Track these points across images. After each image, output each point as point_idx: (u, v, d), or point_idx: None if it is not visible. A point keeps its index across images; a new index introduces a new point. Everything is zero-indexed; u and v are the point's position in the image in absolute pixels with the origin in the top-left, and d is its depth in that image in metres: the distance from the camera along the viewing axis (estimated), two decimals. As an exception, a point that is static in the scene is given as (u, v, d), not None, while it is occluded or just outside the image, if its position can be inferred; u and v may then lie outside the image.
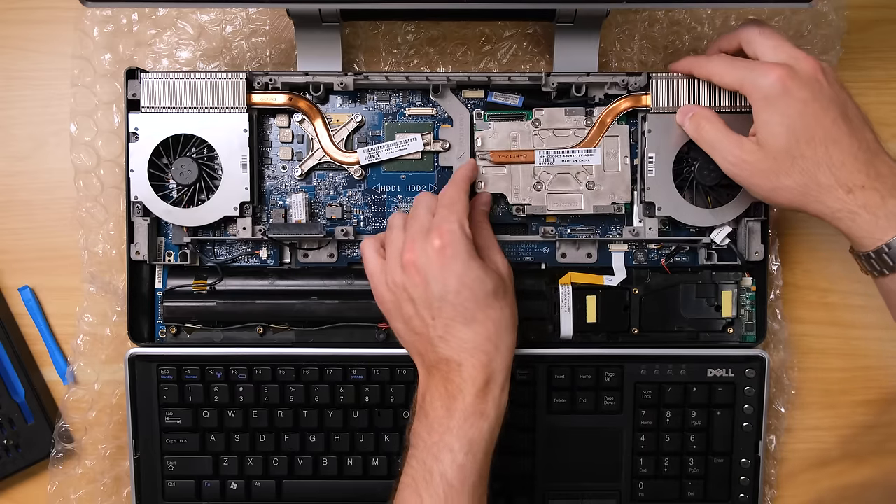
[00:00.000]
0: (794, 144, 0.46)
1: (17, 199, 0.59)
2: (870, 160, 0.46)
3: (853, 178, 0.45)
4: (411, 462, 0.45)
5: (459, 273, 0.45)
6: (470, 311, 0.45)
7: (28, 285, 0.59)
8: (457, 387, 0.45)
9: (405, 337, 0.48)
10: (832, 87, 0.47)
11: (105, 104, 0.58)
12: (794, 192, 0.47)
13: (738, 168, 0.48)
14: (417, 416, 0.47)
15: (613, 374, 0.55)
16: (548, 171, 0.55)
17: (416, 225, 0.48)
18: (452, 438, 0.44)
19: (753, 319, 0.57)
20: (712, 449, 0.56)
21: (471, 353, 0.45)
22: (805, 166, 0.46)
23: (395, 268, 0.47)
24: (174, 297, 0.56)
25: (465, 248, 0.46)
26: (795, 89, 0.46)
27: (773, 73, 0.46)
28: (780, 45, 0.48)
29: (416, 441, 0.46)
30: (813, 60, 0.47)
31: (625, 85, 0.55)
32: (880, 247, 0.45)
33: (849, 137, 0.46)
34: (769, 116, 0.47)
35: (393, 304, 0.48)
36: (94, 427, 0.59)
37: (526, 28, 0.59)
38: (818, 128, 0.46)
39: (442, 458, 0.44)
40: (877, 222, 0.45)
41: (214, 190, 0.54)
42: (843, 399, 0.60)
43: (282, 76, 0.55)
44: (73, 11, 0.58)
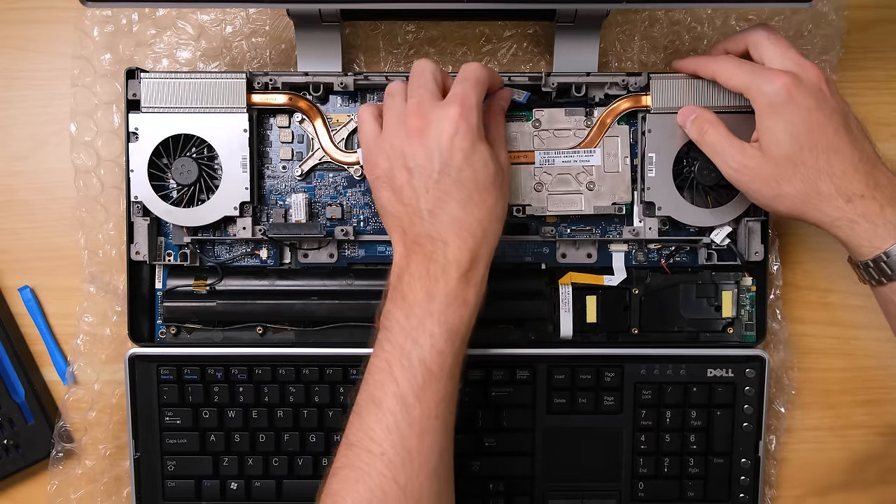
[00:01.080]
0: (797, 152, 0.46)
1: (17, 199, 0.59)
2: (869, 171, 0.46)
3: (853, 187, 0.46)
4: (384, 346, 0.44)
5: (467, 151, 0.44)
6: (467, 191, 0.44)
7: (28, 285, 0.59)
8: (440, 268, 0.44)
9: (389, 208, 0.46)
10: (835, 97, 0.47)
11: (105, 104, 0.58)
12: (795, 200, 0.47)
13: (739, 174, 0.48)
14: (392, 298, 0.45)
15: (613, 374, 0.55)
16: (548, 171, 0.55)
17: (424, 92, 0.46)
18: (433, 323, 0.43)
19: (753, 319, 0.57)
20: (712, 449, 0.56)
21: (458, 234, 0.44)
22: (806, 174, 0.46)
23: (396, 133, 0.46)
24: (174, 297, 0.56)
25: (478, 128, 0.45)
26: (800, 97, 0.46)
27: (779, 80, 0.46)
28: (786, 51, 0.48)
29: (389, 324, 0.44)
30: (818, 70, 0.47)
31: (625, 85, 0.55)
32: (878, 255, 0.45)
33: (850, 147, 0.46)
34: (773, 123, 0.47)
35: (386, 171, 0.46)
36: (94, 427, 0.59)
37: (526, 28, 0.59)
38: (821, 136, 0.46)
39: (421, 342, 0.43)
40: (875, 231, 0.45)
41: (214, 190, 0.54)
42: (843, 399, 0.60)
43: (282, 76, 0.55)
44: (73, 11, 0.58)
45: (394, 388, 0.42)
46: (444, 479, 0.44)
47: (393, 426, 0.42)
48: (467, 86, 0.46)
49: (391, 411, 0.42)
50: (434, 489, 0.43)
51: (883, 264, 0.45)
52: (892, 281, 0.46)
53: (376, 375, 0.43)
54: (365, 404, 0.43)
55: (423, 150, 0.45)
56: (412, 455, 0.42)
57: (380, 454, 0.42)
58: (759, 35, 0.50)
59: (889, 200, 0.45)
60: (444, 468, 0.44)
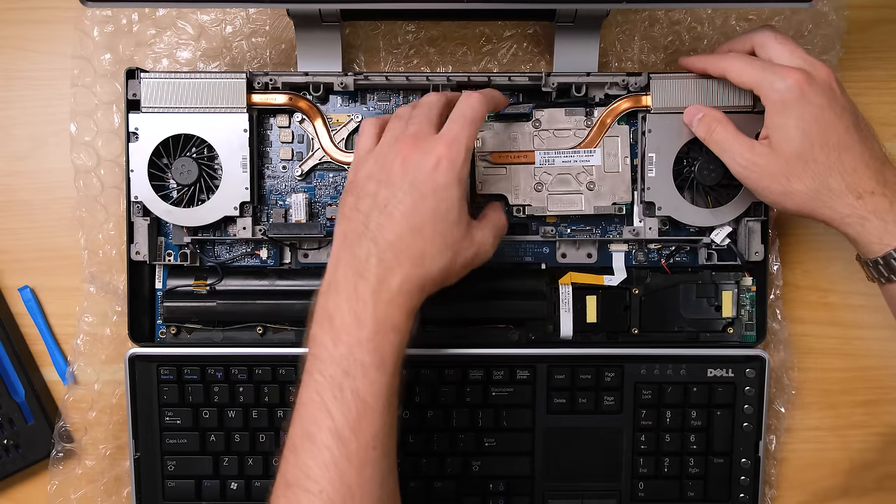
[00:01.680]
0: (808, 149, 0.46)
1: (17, 199, 0.59)
2: (879, 168, 0.46)
3: (864, 184, 0.46)
4: (314, 376, 0.42)
5: (439, 185, 0.43)
6: (422, 220, 0.43)
7: (28, 285, 0.59)
8: (370, 287, 0.42)
9: (346, 212, 0.45)
10: (844, 96, 0.48)
11: (105, 104, 0.58)
12: (805, 197, 0.47)
13: (748, 171, 0.48)
14: (318, 318, 0.43)
15: (613, 374, 0.55)
16: (548, 171, 0.55)
17: (424, 122, 0.46)
18: (363, 352, 0.41)
19: (753, 319, 0.57)
20: (712, 449, 0.56)
21: (396, 255, 0.43)
22: (817, 171, 0.46)
23: (386, 152, 0.45)
24: (174, 297, 0.56)
25: (461, 170, 0.44)
26: (812, 95, 0.46)
27: (791, 77, 0.47)
28: (794, 50, 0.49)
29: (318, 351, 0.42)
30: (828, 69, 0.48)
31: (625, 85, 0.55)
32: (889, 252, 0.45)
33: (860, 145, 0.46)
34: (784, 120, 0.47)
35: (360, 180, 0.46)
36: (94, 427, 0.59)
37: (526, 28, 0.59)
38: (832, 134, 0.46)
39: (353, 373, 0.41)
40: (886, 227, 0.45)
41: (214, 190, 0.54)
42: (843, 399, 0.60)
43: (282, 76, 0.55)
44: (73, 11, 0.58)
45: (328, 423, 0.41)
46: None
47: (330, 462, 0.40)
48: (461, 125, 0.45)
49: (327, 447, 0.40)
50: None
51: (893, 261, 0.45)
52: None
53: (309, 408, 0.42)
54: (300, 440, 0.42)
55: (401, 170, 0.44)
56: (353, 490, 0.40)
57: (318, 492, 0.40)
58: (766, 35, 0.50)
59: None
60: (387, 496, 0.42)
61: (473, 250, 0.46)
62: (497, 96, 0.50)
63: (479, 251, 0.47)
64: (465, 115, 0.46)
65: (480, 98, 0.47)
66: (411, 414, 0.55)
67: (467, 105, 0.46)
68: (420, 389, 0.55)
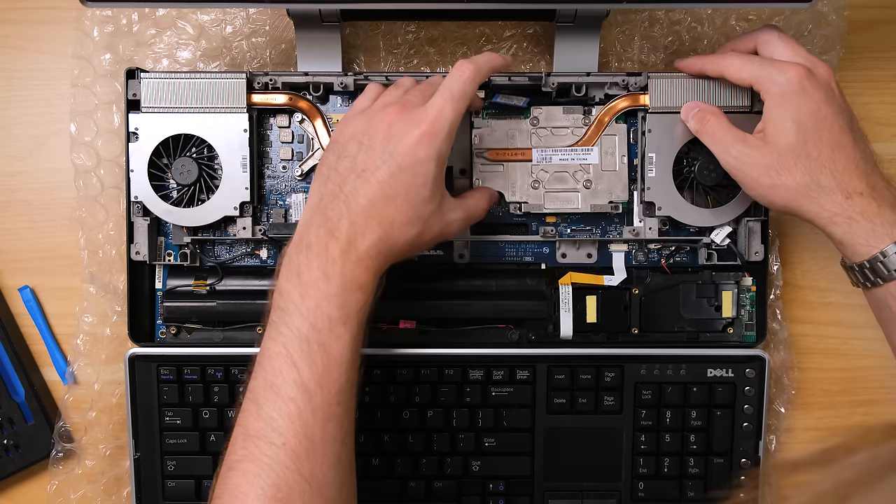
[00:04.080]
0: (802, 143, 0.46)
1: (17, 199, 0.59)
2: (869, 172, 0.47)
3: (854, 184, 0.46)
4: (280, 328, 0.42)
5: (418, 159, 0.44)
6: (395, 191, 0.44)
7: (28, 285, 0.59)
8: (340, 247, 0.43)
9: (324, 169, 0.46)
10: (842, 97, 0.48)
11: (105, 104, 0.58)
12: (793, 192, 0.47)
13: (739, 161, 0.48)
14: (286, 274, 0.43)
15: (613, 374, 0.55)
16: (545, 169, 0.55)
17: (418, 93, 0.46)
18: (330, 307, 0.42)
19: (753, 319, 0.57)
20: (712, 449, 0.56)
21: (367, 220, 0.43)
22: (808, 166, 0.46)
23: (375, 114, 0.46)
24: (174, 297, 0.56)
25: (440, 148, 0.44)
26: (812, 89, 0.47)
27: (791, 70, 0.47)
28: (797, 48, 0.49)
29: (285, 304, 0.43)
30: (828, 68, 0.48)
31: (625, 85, 0.55)
32: (875, 255, 0.45)
33: (853, 146, 0.47)
34: (781, 112, 0.47)
35: (345, 138, 0.46)
36: (94, 427, 0.59)
37: (526, 28, 0.59)
38: (827, 130, 0.46)
39: (320, 326, 0.42)
40: (873, 229, 0.45)
41: (214, 190, 0.54)
42: (843, 399, 0.60)
43: (282, 76, 0.55)
44: (73, 11, 0.58)
45: (294, 375, 0.41)
46: (346, 468, 0.43)
47: (295, 414, 0.40)
48: (446, 100, 0.45)
49: (292, 399, 0.41)
50: (338, 478, 0.42)
51: (879, 264, 0.45)
52: (887, 282, 0.46)
53: (273, 361, 0.42)
54: (263, 392, 0.41)
55: (383, 137, 0.44)
56: (315, 444, 0.41)
57: (282, 444, 0.40)
58: (769, 34, 0.50)
59: (886, 202, 0.46)
60: (346, 456, 0.43)
61: (440, 228, 0.47)
62: (495, 60, 0.48)
63: (445, 231, 0.47)
64: (453, 91, 0.46)
65: (472, 72, 0.46)
66: (411, 414, 0.55)
67: (457, 79, 0.46)
68: (420, 389, 0.55)
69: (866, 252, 0.46)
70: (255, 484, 0.40)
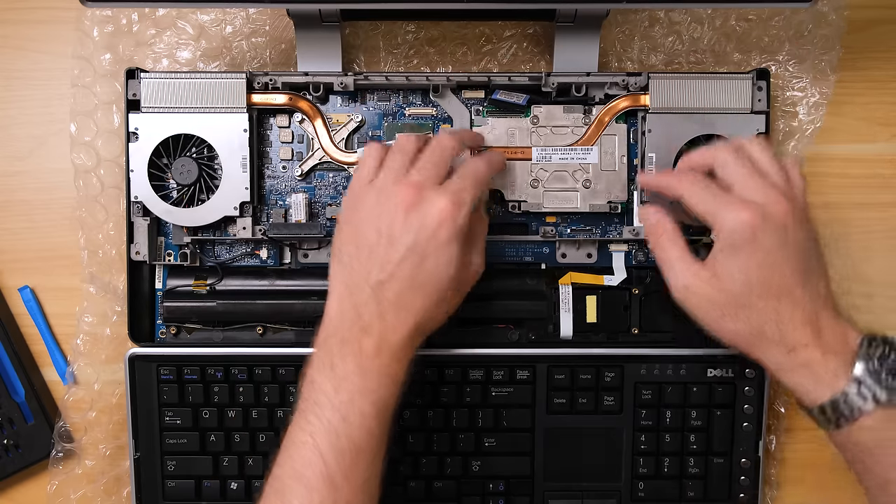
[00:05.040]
0: (747, 294, 0.44)
1: (17, 198, 0.59)
2: (817, 314, 0.44)
3: (797, 335, 0.44)
4: (309, 418, 0.42)
5: (441, 244, 0.44)
6: (422, 280, 0.44)
7: (28, 285, 0.59)
8: (374, 343, 0.43)
9: (345, 258, 0.46)
10: (799, 231, 0.45)
11: (105, 104, 0.58)
12: (738, 337, 0.46)
13: (687, 293, 0.46)
14: (318, 364, 0.44)
15: (613, 374, 0.55)
16: (545, 168, 0.55)
17: (431, 171, 0.46)
18: (365, 402, 0.42)
19: (753, 319, 0.57)
20: (712, 449, 0.56)
21: (397, 314, 0.44)
22: (751, 317, 0.44)
23: (388, 193, 0.45)
24: (174, 297, 0.56)
25: (462, 227, 0.45)
26: (763, 237, 0.44)
27: (743, 216, 0.44)
28: (752, 175, 0.46)
29: (316, 395, 0.43)
30: (785, 203, 0.44)
31: (625, 85, 0.55)
32: (822, 405, 0.43)
33: (802, 289, 0.44)
34: (730, 259, 0.44)
35: (358, 221, 0.45)
36: (94, 427, 0.59)
37: (526, 28, 0.59)
38: (775, 279, 0.44)
39: (351, 420, 0.42)
40: (817, 380, 0.43)
41: (214, 190, 0.54)
42: (843, 399, 0.60)
43: (282, 76, 0.55)
44: (73, 11, 0.58)
45: (321, 468, 0.41)
46: None
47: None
48: (468, 183, 0.46)
49: (318, 490, 0.41)
50: None
51: (827, 414, 0.43)
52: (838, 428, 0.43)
53: (301, 451, 0.42)
54: (289, 481, 0.42)
55: (402, 223, 0.44)
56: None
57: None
58: (726, 155, 0.47)
59: (832, 348, 0.43)
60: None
61: (471, 282, 0.48)
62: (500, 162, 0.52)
63: (475, 278, 0.49)
64: (475, 175, 0.47)
65: (489, 163, 0.49)
66: (411, 414, 0.55)
67: (478, 166, 0.48)
68: (420, 389, 0.55)
69: (812, 401, 0.44)
70: None
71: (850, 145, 0.60)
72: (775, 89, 0.58)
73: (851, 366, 0.42)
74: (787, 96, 0.59)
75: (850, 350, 0.43)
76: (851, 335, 0.44)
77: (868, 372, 0.42)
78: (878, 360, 0.42)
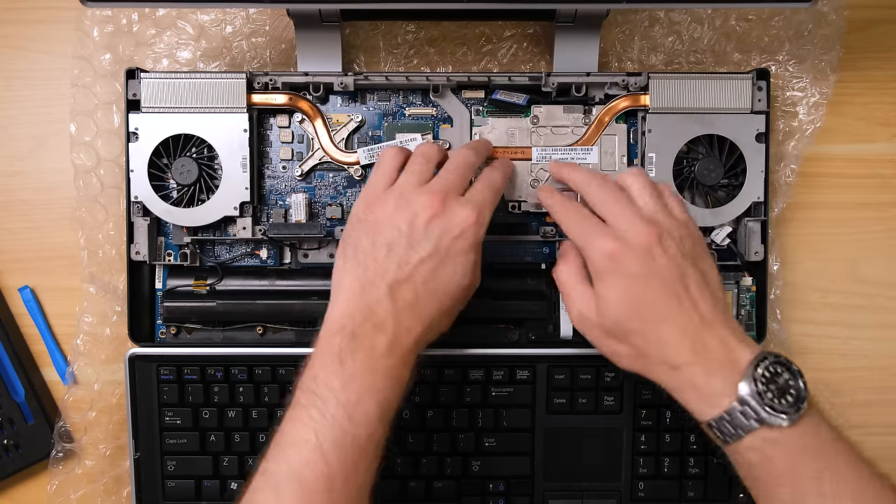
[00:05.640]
0: (626, 319, 0.45)
1: (17, 198, 0.59)
2: (699, 334, 0.43)
3: (679, 355, 0.43)
4: (312, 413, 0.41)
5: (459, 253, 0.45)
6: (435, 286, 0.45)
7: (28, 285, 0.59)
8: (386, 343, 0.43)
9: (360, 255, 0.45)
10: (668, 256, 0.45)
11: (105, 104, 0.58)
12: (630, 360, 0.46)
13: (580, 319, 0.47)
14: (323, 357, 0.43)
15: (613, 374, 0.55)
16: (545, 168, 0.55)
17: (454, 182, 0.46)
18: (372, 403, 0.42)
19: (753, 319, 0.57)
20: (712, 449, 0.56)
21: (410, 317, 0.44)
22: (635, 340, 0.45)
23: (410, 197, 0.45)
24: (174, 297, 0.56)
25: (480, 242, 0.46)
26: (626, 265, 0.44)
27: (604, 248, 0.45)
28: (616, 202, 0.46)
29: (320, 391, 0.42)
30: (646, 231, 0.45)
31: (625, 85, 0.55)
32: (708, 422, 0.43)
33: (678, 313, 0.44)
34: (601, 288, 0.45)
35: (378, 220, 0.45)
36: (94, 427, 0.59)
37: (526, 28, 0.59)
38: (648, 304, 0.44)
39: (357, 420, 0.41)
40: (701, 399, 0.43)
41: (214, 190, 0.54)
42: (843, 399, 0.60)
43: (282, 76, 0.55)
44: (73, 11, 0.58)
45: (322, 468, 0.40)
46: None
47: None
48: (488, 196, 0.47)
49: (316, 492, 0.39)
50: None
51: (715, 431, 0.43)
52: (726, 445, 0.43)
53: (302, 449, 0.40)
54: (286, 481, 0.40)
55: (424, 227, 0.45)
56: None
57: None
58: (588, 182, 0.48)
59: (717, 366, 0.43)
60: None
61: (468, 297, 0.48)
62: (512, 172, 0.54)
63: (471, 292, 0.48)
64: (494, 188, 0.48)
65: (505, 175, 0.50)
66: (411, 414, 0.55)
67: (496, 178, 0.49)
68: (420, 389, 0.55)
69: (699, 418, 0.44)
70: None
71: (850, 145, 0.60)
72: (775, 89, 0.58)
73: (737, 386, 0.42)
74: (787, 96, 0.59)
75: (738, 370, 0.42)
76: (742, 355, 0.43)
77: (752, 392, 0.41)
78: (763, 381, 0.42)
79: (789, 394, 0.42)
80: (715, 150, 0.55)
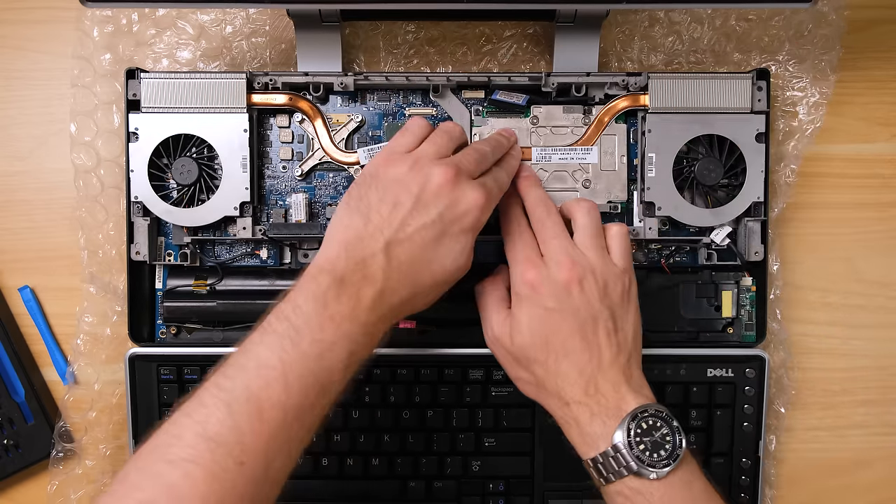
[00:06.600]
0: (531, 347, 0.46)
1: (17, 198, 0.59)
2: (594, 377, 0.45)
3: (572, 392, 0.45)
4: (284, 343, 0.40)
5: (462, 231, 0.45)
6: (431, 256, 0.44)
7: (28, 285, 0.59)
8: (372, 296, 0.42)
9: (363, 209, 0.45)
10: (585, 296, 0.46)
11: (105, 104, 0.58)
12: (529, 387, 0.48)
13: (492, 341, 0.49)
14: (307, 291, 0.42)
15: (613, 374, 0.55)
16: (545, 168, 0.55)
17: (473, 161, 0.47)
18: (344, 351, 0.41)
19: (753, 319, 0.57)
20: (712, 449, 0.56)
21: (401, 279, 0.43)
22: (536, 370, 0.47)
23: (429, 165, 0.45)
24: (174, 297, 0.56)
25: (480, 227, 0.46)
26: (542, 296, 0.46)
27: (527, 275, 0.47)
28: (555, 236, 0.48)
29: (299, 323, 0.41)
30: (568, 269, 0.46)
31: (625, 85, 0.55)
32: (586, 460, 0.45)
33: (581, 352, 0.46)
34: (519, 312, 0.47)
35: (393, 178, 0.45)
36: (94, 427, 0.59)
37: (526, 28, 0.59)
38: (555, 337, 0.46)
39: (326, 362, 0.41)
40: (583, 438, 0.45)
41: (214, 190, 0.54)
42: (843, 399, 0.60)
43: (282, 76, 0.55)
44: (73, 11, 0.58)
45: (281, 397, 0.39)
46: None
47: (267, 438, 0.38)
48: (497, 187, 0.48)
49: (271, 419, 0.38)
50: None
51: (592, 470, 0.45)
52: (601, 485, 0.45)
53: (266, 374, 0.39)
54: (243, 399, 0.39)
55: (434, 196, 0.45)
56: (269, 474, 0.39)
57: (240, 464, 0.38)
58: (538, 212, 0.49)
59: (601, 410, 0.44)
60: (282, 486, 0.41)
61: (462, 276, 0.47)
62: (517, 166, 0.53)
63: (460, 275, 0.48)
64: (501, 182, 0.49)
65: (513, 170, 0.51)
66: (411, 414, 0.55)
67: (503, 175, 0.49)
68: (420, 389, 0.55)
69: (582, 456, 0.45)
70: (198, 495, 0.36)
71: (850, 145, 0.60)
72: (775, 89, 0.58)
73: (614, 432, 0.44)
74: (787, 96, 0.59)
75: (619, 417, 0.44)
76: (628, 404, 0.45)
77: (624, 442, 0.43)
78: (638, 433, 0.43)
79: (663, 448, 0.43)
80: (715, 150, 0.55)
